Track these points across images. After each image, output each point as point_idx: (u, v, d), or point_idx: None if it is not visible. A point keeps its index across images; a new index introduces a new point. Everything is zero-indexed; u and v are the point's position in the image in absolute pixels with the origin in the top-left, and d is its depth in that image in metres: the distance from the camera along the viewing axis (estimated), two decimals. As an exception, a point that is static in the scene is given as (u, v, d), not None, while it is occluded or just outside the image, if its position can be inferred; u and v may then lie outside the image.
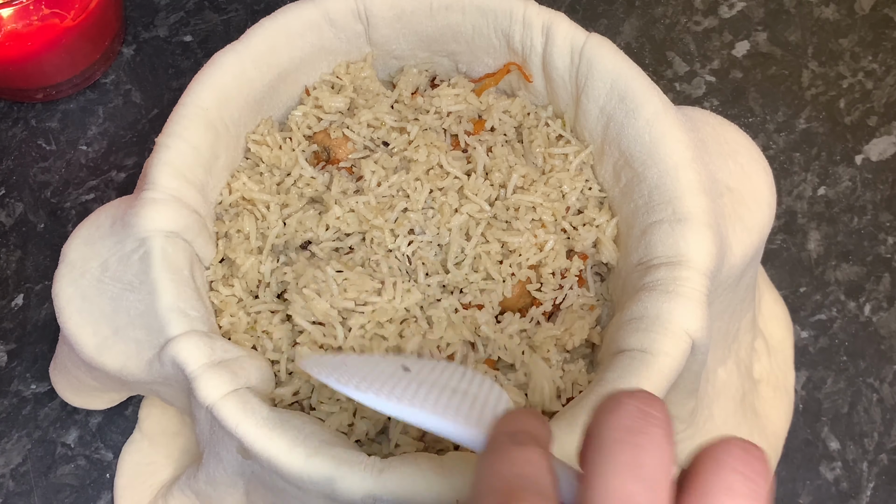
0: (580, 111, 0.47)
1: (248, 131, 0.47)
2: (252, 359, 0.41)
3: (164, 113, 0.54)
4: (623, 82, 0.44)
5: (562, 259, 0.45)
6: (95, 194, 0.59)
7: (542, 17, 0.46)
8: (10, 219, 0.58)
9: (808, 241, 0.59)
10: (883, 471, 0.53)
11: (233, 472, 0.41)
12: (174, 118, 0.43)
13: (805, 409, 0.54)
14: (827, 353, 0.56)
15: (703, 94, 0.63)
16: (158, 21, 0.64)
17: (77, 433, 0.52)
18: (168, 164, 0.42)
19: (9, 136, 0.60)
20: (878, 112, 0.63)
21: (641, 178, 0.43)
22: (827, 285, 0.57)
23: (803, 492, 0.52)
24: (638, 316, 0.41)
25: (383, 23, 0.48)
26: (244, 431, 0.37)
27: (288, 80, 0.48)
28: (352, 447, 0.39)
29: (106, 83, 0.62)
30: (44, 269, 0.56)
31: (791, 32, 0.66)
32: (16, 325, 0.55)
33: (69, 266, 0.42)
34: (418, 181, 0.45)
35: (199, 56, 0.63)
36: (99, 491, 0.51)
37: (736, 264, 0.44)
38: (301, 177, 0.46)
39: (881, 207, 0.60)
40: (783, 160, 0.61)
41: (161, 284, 0.40)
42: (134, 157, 0.60)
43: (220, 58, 0.45)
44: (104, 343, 0.41)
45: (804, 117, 0.63)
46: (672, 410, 0.44)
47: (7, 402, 0.53)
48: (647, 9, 0.66)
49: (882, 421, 0.54)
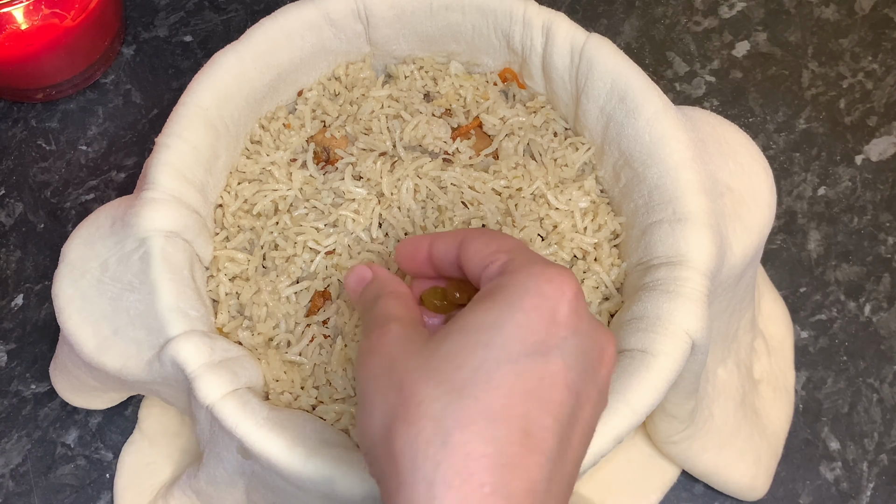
0: (580, 111, 0.47)
1: (248, 131, 0.47)
2: (252, 359, 0.42)
3: (164, 113, 0.54)
4: (623, 82, 0.44)
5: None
6: (95, 194, 0.59)
7: (542, 17, 0.46)
8: (10, 219, 0.58)
9: (808, 241, 0.59)
10: (883, 471, 0.53)
11: (233, 471, 0.41)
12: (174, 118, 0.43)
13: (805, 410, 0.54)
14: (827, 353, 0.56)
15: (703, 94, 0.63)
16: (158, 21, 0.64)
17: (77, 433, 0.52)
18: (168, 163, 0.42)
19: (9, 136, 0.60)
20: (878, 112, 0.63)
21: (641, 178, 0.43)
22: (827, 285, 0.57)
23: (803, 492, 0.52)
24: (638, 316, 0.41)
25: (383, 23, 0.48)
26: (244, 431, 0.37)
27: (288, 80, 0.48)
28: (352, 447, 0.39)
29: (106, 83, 0.62)
30: (44, 269, 0.56)
31: (791, 32, 0.66)
32: (16, 325, 0.55)
33: (69, 266, 0.42)
34: (419, 179, 0.45)
35: (199, 56, 0.63)
36: (99, 491, 0.51)
37: (736, 264, 0.44)
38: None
39: (881, 207, 0.60)
40: (783, 160, 0.61)
41: (161, 284, 0.40)
42: (134, 157, 0.60)
43: (220, 58, 0.45)
44: (104, 343, 0.41)
45: (804, 117, 0.63)
46: (672, 410, 0.45)
47: (7, 402, 0.53)
48: (647, 9, 0.66)
49: (882, 421, 0.54)
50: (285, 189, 0.46)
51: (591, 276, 0.44)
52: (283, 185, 0.46)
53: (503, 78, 0.50)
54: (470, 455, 0.27)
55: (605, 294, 0.44)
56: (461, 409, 0.28)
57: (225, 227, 0.45)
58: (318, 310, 0.43)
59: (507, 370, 0.28)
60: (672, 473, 0.51)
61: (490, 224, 0.45)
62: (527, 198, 0.45)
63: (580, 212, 0.45)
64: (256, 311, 0.43)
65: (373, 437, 0.30)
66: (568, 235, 0.45)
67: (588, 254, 0.45)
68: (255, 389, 0.41)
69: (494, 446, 0.27)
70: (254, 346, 0.43)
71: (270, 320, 0.43)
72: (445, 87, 0.49)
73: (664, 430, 0.47)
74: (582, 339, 0.30)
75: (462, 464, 0.27)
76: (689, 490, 0.52)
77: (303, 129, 0.48)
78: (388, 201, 0.45)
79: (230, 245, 0.45)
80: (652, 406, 0.38)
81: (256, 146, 0.47)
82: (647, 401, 0.38)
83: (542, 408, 0.28)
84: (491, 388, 0.28)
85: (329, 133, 0.48)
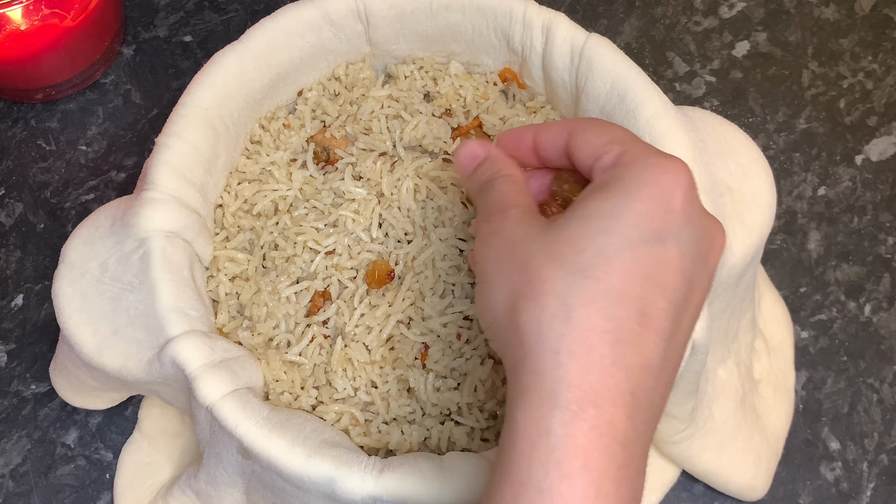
0: (580, 111, 0.47)
1: (248, 131, 0.47)
2: (252, 359, 0.42)
3: (164, 113, 0.54)
4: (623, 82, 0.44)
5: None
6: (95, 194, 0.59)
7: (542, 17, 0.46)
8: (10, 219, 0.58)
9: (808, 242, 0.59)
10: (883, 471, 0.53)
11: (233, 471, 0.41)
12: (174, 118, 0.43)
13: (805, 410, 0.54)
14: (827, 353, 0.56)
15: (703, 95, 0.63)
16: (158, 21, 0.64)
17: (77, 433, 0.52)
18: (168, 164, 0.42)
19: (9, 136, 0.60)
20: (878, 112, 0.63)
21: (641, 178, 0.43)
22: (827, 285, 0.57)
23: (803, 492, 0.52)
24: (638, 316, 0.41)
25: (383, 23, 0.48)
26: (244, 431, 0.37)
27: (288, 80, 0.48)
28: (352, 447, 0.39)
29: (106, 83, 0.62)
30: (44, 269, 0.56)
31: (791, 32, 0.66)
32: (16, 325, 0.55)
33: (69, 266, 0.42)
34: (419, 179, 0.45)
35: (199, 56, 0.63)
36: (99, 491, 0.51)
37: (736, 264, 0.44)
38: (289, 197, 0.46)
39: (881, 207, 0.60)
40: (783, 160, 0.61)
41: (161, 284, 0.40)
42: (134, 157, 0.60)
43: (220, 58, 0.45)
44: (104, 343, 0.41)
45: (804, 117, 0.63)
46: (672, 410, 0.45)
47: (7, 402, 0.53)
48: (647, 9, 0.66)
49: (882, 421, 0.54)
50: (285, 189, 0.46)
51: None
52: (283, 185, 0.46)
53: (503, 78, 0.50)
54: (592, 329, 0.29)
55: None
56: (583, 288, 0.30)
57: (225, 227, 0.45)
58: (318, 310, 0.43)
59: (626, 255, 0.30)
60: (672, 473, 0.51)
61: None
62: None
63: None
64: (256, 311, 0.43)
65: (496, 312, 0.32)
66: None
67: None
68: (255, 390, 0.41)
69: (614, 323, 0.30)
70: (254, 347, 0.43)
71: (270, 320, 0.43)
72: (445, 87, 0.49)
73: (664, 429, 0.47)
74: (695, 228, 0.32)
75: (584, 336, 0.29)
76: (689, 490, 0.52)
77: (303, 129, 0.48)
78: (388, 201, 0.45)
79: (230, 245, 0.45)
80: (652, 406, 0.38)
81: (256, 146, 0.47)
82: (647, 401, 0.38)
83: (657, 291, 0.30)
84: (611, 270, 0.30)
85: (329, 133, 0.48)
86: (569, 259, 0.31)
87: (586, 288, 0.30)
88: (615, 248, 0.30)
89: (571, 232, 0.31)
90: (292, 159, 0.47)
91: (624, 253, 0.30)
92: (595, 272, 0.30)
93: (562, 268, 0.30)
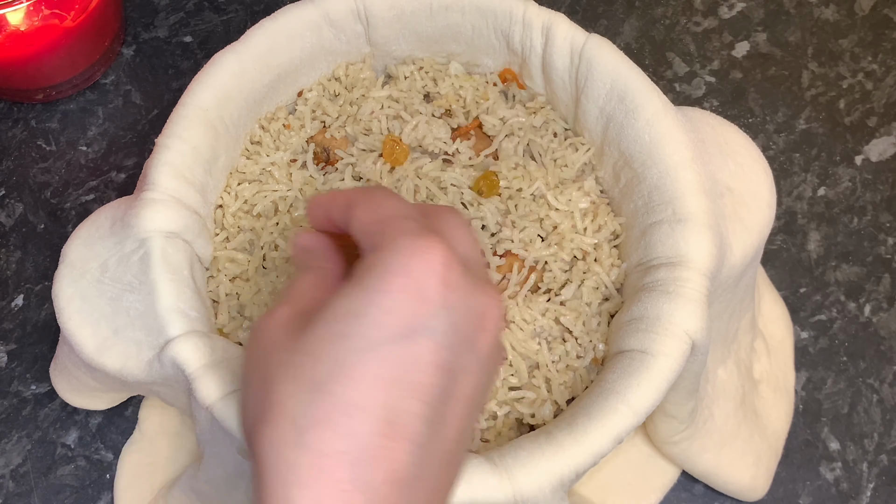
0: (580, 112, 0.47)
1: (248, 132, 0.47)
2: (252, 359, 0.42)
3: (164, 113, 0.54)
4: (623, 83, 0.44)
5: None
6: (95, 195, 0.59)
7: (541, 17, 0.46)
8: (10, 219, 0.58)
9: (808, 242, 0.59)
10: (883, 471, 0.53)
11: (233, 472, 0.41)
12: (174, 118, 0.43)
13: (805, 410, 0.54)
14: (827, 353, 0.56)
15: (703, 95, 0.64)
16: (158, 21, 0.64)
17: (77, 434, 0.52)
18: (168, 164, 0.42)
19: (9, 136, 0.60)
20: (878, 112, 0.63)
21: (641, 178, 0.43)
22: (827, 286, 0.57)
23: (803, 492, 0.52)
24: (638, 316, 0.41)
25: (383, 23, 0.48)
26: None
27: (287, 81, 0.48)
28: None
29: (106, 84, 0.62)
30: (44, 269, 0.56)
31: (791, 33, 0.66)
32: (16, 325, 0.55)
33: (69, 266, 0.42)
34: (419, 179, 0.45)
35: (199, 56, 0.63)
36: (99, 491, 0.51)
37: (736, 264, 0.44)
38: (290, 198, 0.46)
39: (881, 208, 0.60)
40: (783, 160, 0.61)
41: (161, 285, 0.40)
42: (134, 158, 0.60)
43: (220, 58, 0.45)
44: (104, 343, 0.41)
45: (804, 118, 0.63)
46: (672, 411, 0.45)
47: (7, 402, 0.53)
48: (647, 9, 0.66)
49: (882, 421, 0.54)
50: (285, 189, 0.46)
51: (591, 277, 0.44)
52: (283, 185, 0.46)
53: (503, 78, 0.50)
54: (326, 453, 0.27)
55: (606, 295, 0.44)
56: (317, 406, 0.27)
57: (225, 228, 0.45)
58: (318, 310, 0.43)
59: (367, 360, 0.27)
60: (672, 474, 0.51)
61: (489, 225, 0.45)
62: (527, 198, 0.45)
63: (580, 212, 0.45)
64: (257, 311, 0.43)
65: (245, 434, 0.30)
66: (568, 236, 0.45)
67: (588, 254, 0.45)
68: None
69: (352, 441, 0.27)
70: (254, 347, 0.43)
71: (270, 321, 0.43)
72: (445, 87, 0.49)
73: (664, 430, 0.47)
74: (455, 313, 0.28)
75: (317, 461, 0.27)
76: (689, 490, 0.52)
77: (303, 129, 0.48)
78: (388, 202, 0.45)
79: (230, 245, 0.45)
80: (652, 406, 0.38)
81: (256, 147, 0.47)
82: (647, 401, 0.38)
83: (407, 394, 0.28)
84: (350, 380, 0.27)
85: (329, 133, 0.48)
86: (306, 372, 0.28)
87: (321, 405, 0.27)
88: (355, 354, 0.27)
89: (312, 338, 0.28)
90: (292, 160, 0.47)
91: (365, 357, 0.27)
92: (331, 385, 0.27)
93: (297, 383, 0.28)
